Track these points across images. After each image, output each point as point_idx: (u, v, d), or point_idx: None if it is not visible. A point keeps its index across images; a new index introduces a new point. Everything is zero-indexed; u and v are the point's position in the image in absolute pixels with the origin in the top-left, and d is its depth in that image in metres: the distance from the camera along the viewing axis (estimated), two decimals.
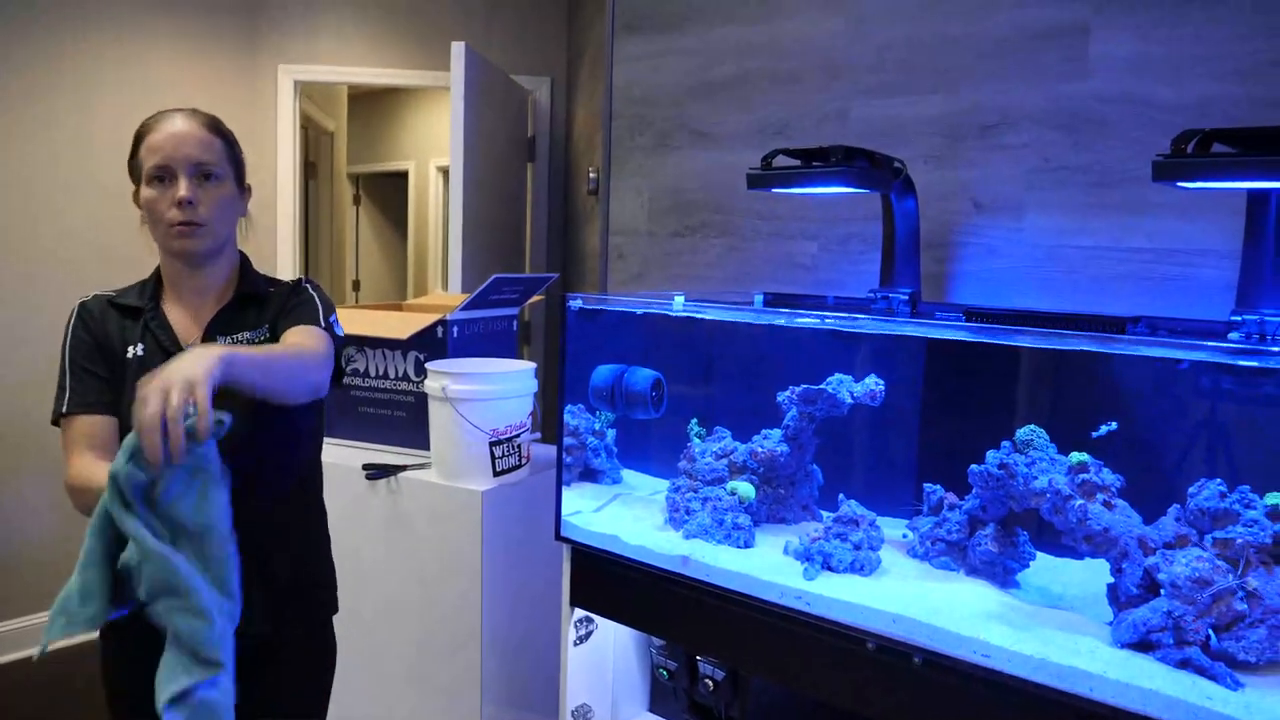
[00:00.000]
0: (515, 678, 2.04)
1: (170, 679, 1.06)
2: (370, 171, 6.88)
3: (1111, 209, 1.75)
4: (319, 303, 1.47)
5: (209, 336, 1.38)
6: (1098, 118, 1.75)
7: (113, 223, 3.22)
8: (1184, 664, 1.08)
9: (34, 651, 1.20)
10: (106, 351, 1.35)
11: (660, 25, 2.35)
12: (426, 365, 2.05)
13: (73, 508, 1.26)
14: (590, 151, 3.38)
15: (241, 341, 1.40)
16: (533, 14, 3.83)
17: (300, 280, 1.51)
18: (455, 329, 2.18)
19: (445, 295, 2.69)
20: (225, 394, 1.08)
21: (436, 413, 2.01)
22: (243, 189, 1.44)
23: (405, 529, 2.04)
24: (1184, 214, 1.68)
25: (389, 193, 7.04)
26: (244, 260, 1.48)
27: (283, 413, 1.39)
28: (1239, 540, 1.12)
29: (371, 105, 6.50)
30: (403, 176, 6.67)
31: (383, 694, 2.10)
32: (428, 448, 2.08)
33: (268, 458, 1.37)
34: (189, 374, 1.02)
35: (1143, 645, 1.12)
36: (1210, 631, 1.10)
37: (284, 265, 3.76)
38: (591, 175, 3.24)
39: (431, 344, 2.15)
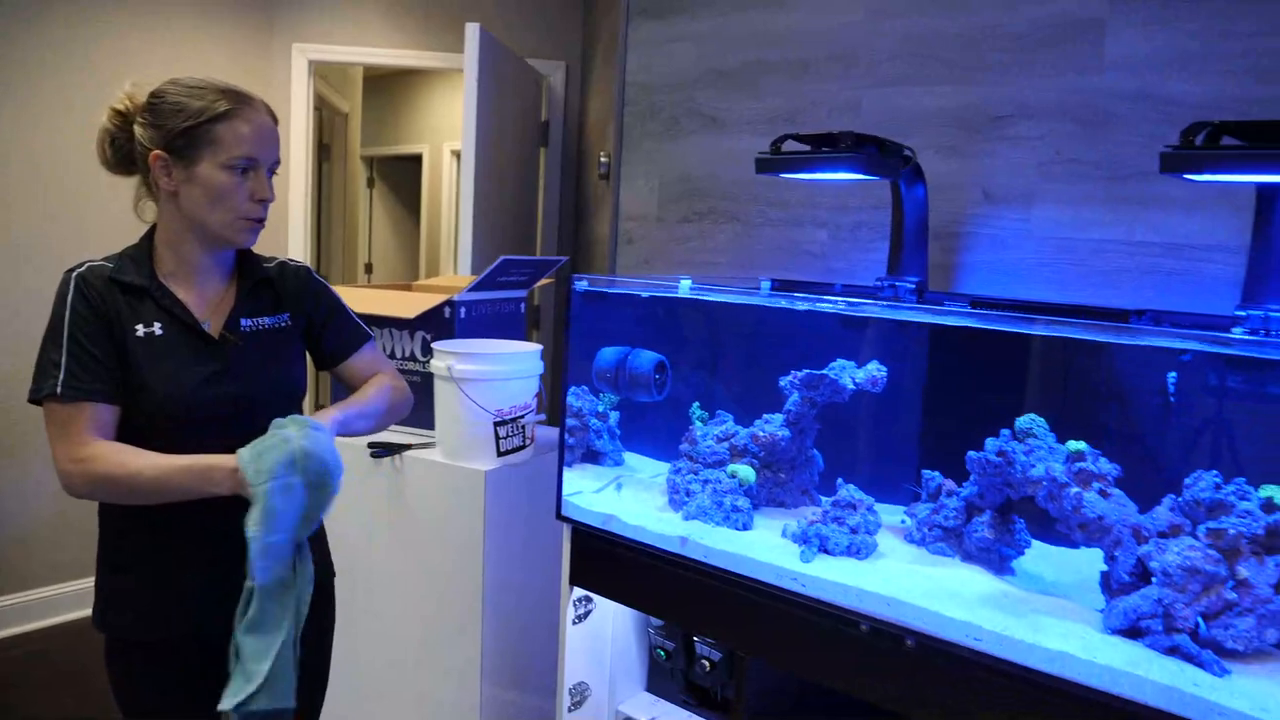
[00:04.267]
0: (515, 656, 2.06)
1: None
2: (384, 154, 6.90)
3: (1121, 203, 1.75)
4: (344, 304, 1.56)
5: (235, 320, 1.39)
6: (1111, 112, 1.75)
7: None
8: (1172, 650, 1.09)
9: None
10: (107, 327, 1.30)
11: (674, 9, 2.35)
12: (433, 345, 2.06)
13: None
14: (603, 137, 3.39)
15: (266, 328, 1.43)
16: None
17: (296, 264, 1.53)
18: (463, 310, 2.19)
19: (454, 277, 2.71)
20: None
21: (442, 392, 2.02)
22: None
23: (409, 508, 2.06)
24: (1193, 209, 1.68)
25: (403, 176, 7.06)
26: None
27: (287, 378, 1.43)
28: (1231, 531, 1.12)
29: (386, 87, 6.51)
30: (416, 160, 6.69)
31: (384, 669, 2.12)
32: (433, 427, 2.10)
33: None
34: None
35: (1133, 632, 1.13)
36: (1200, 619, 1.11)
37: (295, 246, 3.78)
38: (603, 160, 3.25)
39: (439, 324, 2.17)
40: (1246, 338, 1.27)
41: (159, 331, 1.32)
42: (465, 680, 1.99)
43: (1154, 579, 1.13)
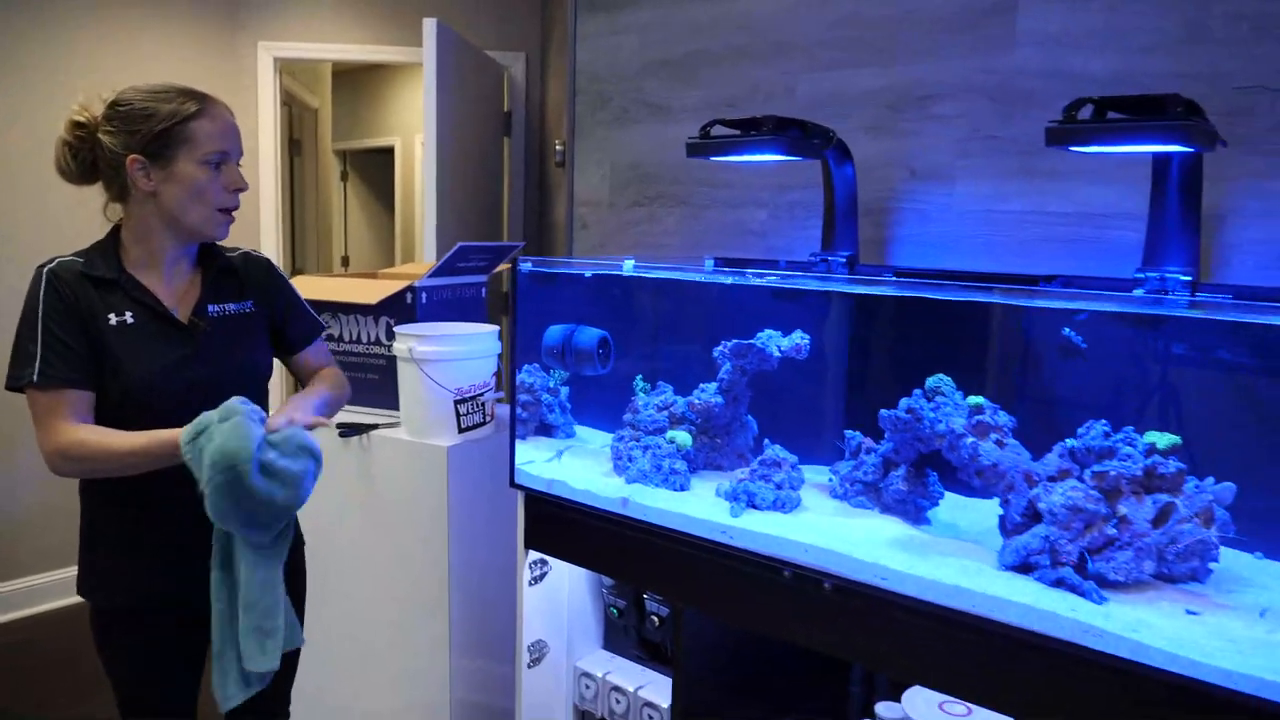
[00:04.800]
0: (481, 623, 2.16)
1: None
2: (357, 147, 6.95)
3: (1037, 176, 1.85)
4: (301, 297, 1.67)
5: (202, 306, 1.49)
6: (1024, 89, 1.85)
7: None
8: (1058, 583, 1.20)
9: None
10: (78, 318, 1.38)
11: (619, 3, 2.44)
12: (396, 329, 2.15)
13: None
14: (559, 126, 3.47)
15: (231, 314, 1.53)
16: None
17: (258, 255, 1.64)
18: (424, 295, 2.28)
19: (417, 265, 2.80)
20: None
21: (404, 373, 2.11)
22: None
23: (376, 485, 2.15)
24: (1103, 180, 1.79)
25: (376, 168, 7.12)
26: None
27: (252, 361, 1.53)
28: (1113, 473, 1.23)
29: (356, 82, 6.56)
30: (389, 152, 6.75)
31: (356, 644, 2.22)
32: (398, 408, 2.19)
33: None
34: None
35: (1024, 567, 1.24)
36: (1084, 554, 1.21)
37: (268, 242, 3.85)
38: (558, 149, 3.34)
39: (400, 309, 2.26)
40: (1146, 296, 1.39)
41: (130, 320, 1.41)
42: (435, 651, 2.09)
43: (1042, 519, 1.24)
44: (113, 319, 1.40)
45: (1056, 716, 1.17)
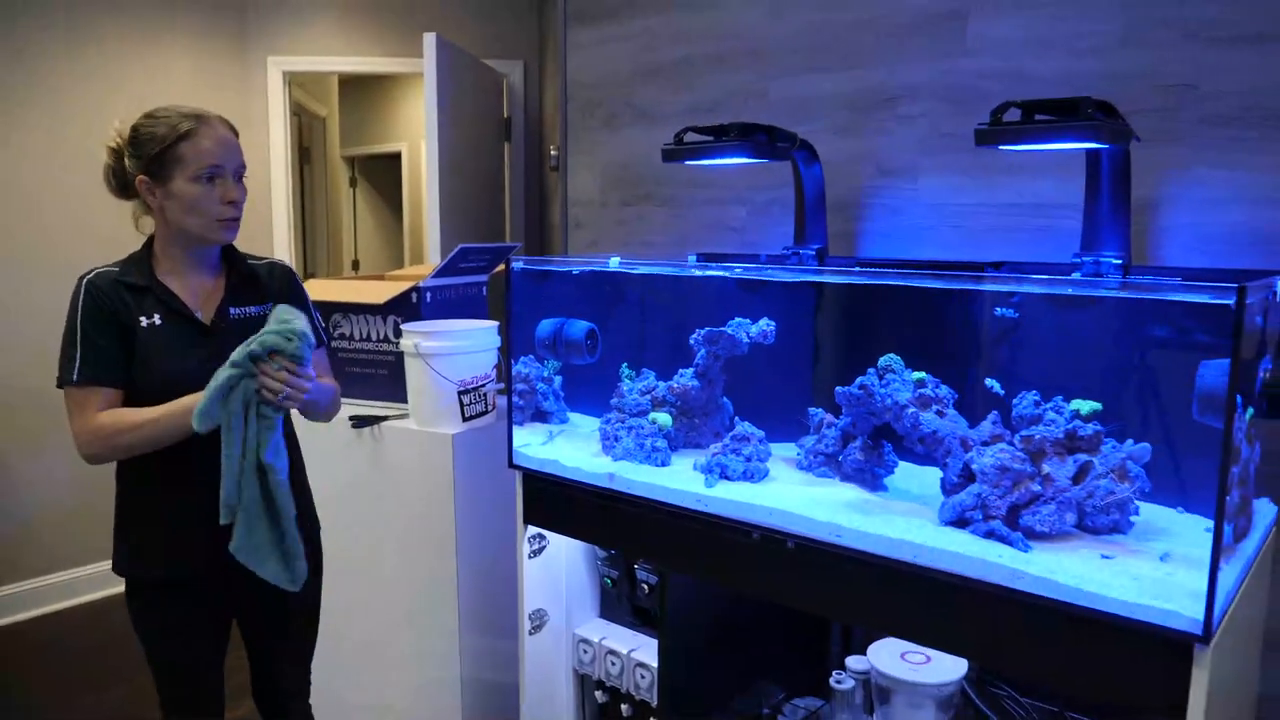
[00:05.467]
0: (487, 596, 2.32)
1: None
2: (365, 154, 7.12)
3: (991, 171, 2.00)
4: (315, 313, 1.81)
5: (224, 309, 1.66)
6: (978, 90, 2.00)
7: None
8: (990, 534, 1.35)
9: None
10: (115, 322, 1.56)
11: (607, 13, 2.60)
12: (402, 327, 2.32)
13: (85, 463, 1.57)
14: (555, 131, 3.63)
15: (252, 316, 1.69)
16: (506, 2, 4.07)
17: (283, 265, 1.81)
18: (428, 295, 2.44)
19: (423, 267, 2.96)
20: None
21: (411, 368, 2.28)
22: None
23: (387, 471, 2.32)
24: (1049, 173, 1.93)
25: (384, 173, 7.28)
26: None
27: None
28: (1037, 436, 1.38)
29: (362, 90, 6.73)
30: (396, 158, 6.92)
31: (369, 615, 2.39)
32: (406, 400, 2.36)
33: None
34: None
35: (960, 522, 1.39)
36: (1012, 508, 1.36)
37: (280, 247, 4.03)
38: (553, 153, 3.50)
39: (407, 308, 2.42)
40: (1080, 280, 1.54)
41: (159, 322, 1.58)
42: (445, 629, 2.25)
43: (976, 479, 1.39)
44: (144, 321, 1.58)
45: (990, 650, 1.33)
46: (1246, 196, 1.70)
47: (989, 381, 1.56)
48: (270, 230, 4.02)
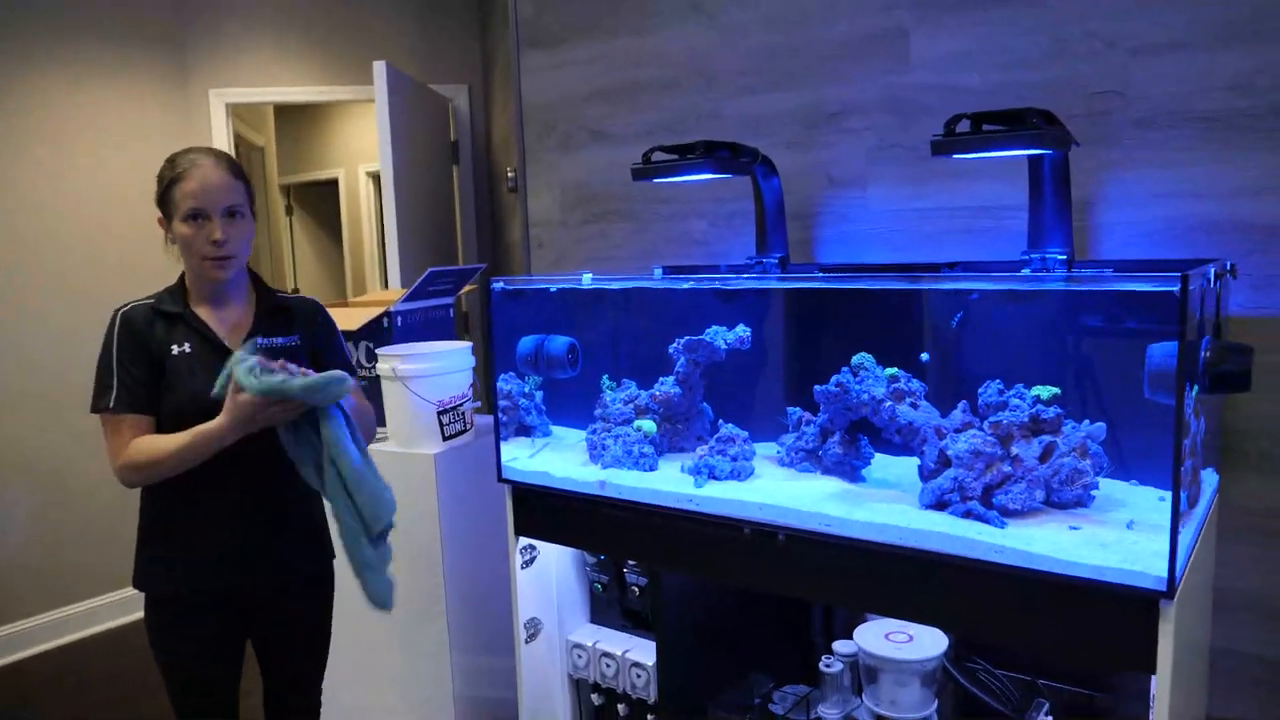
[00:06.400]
0: (474, 608, 2.37)
1: None
2: (301, 181, 7.08)
3: (938, 177, 2.13)
4: (341, 339, 1.89)
5: (251, 338, 1.71)
6: (920, 103, 2.13)
7: (79, 241, 3.48)
8: (968, 514, 1.46)
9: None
10: (149, 351, 1.64)
11: (557, 40, 2.68)
12: (376, 351, 2.36)
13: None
14: (509, 153, 3.70)
15: (278, 345, 1.75)
16: (447, 26, 4.13)
17: (313, 301, 1.88)
18: (399, 319, 2.49)
19: (384, 292, 3.00)
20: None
21: (389, 391, 2.32)
22: (254, 216, 1.74)
23: None
24: (995, 177, 2.07)
25: (320, 200, 7.24)
26: (255, 274, 1.81)
27: None
28: (1005, 421, 1.50)
29: (298, 118, 6.70)
30: (333, 184, 6.89)
31: (358, 639, 2.41)
32: (384, 424, 2.40)
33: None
34: None
35: (939, 505, 1.49)
36: (987, 489, 1.47)
37: None
38: (510, 175, 3.56)
39: (378, 333, 2.46)
40: (1029, 275, 1.66)
41: (189, 349, 1.65)
42: (436, 648, 2.29)
43: (952, 464, 1.50)
44: (175, 349, 1.65)
45: (975, 621, 1.43)
46: (1175, 191, 1.85)
47: (923, 356, 1.69)
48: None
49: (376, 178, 6.58)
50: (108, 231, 3.69)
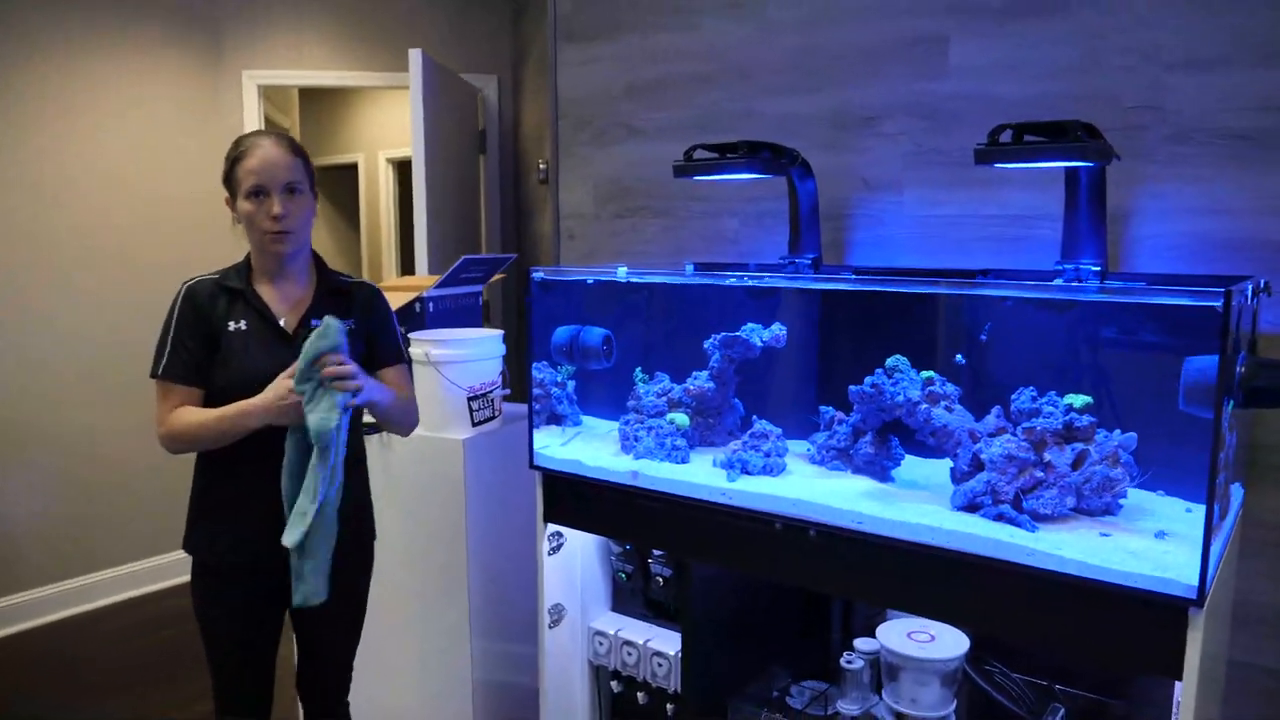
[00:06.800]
0: (496, 594, 2.41)
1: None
2: (321, 165, 7.11)
3: (971, 184, 2.15)
4: (398, 329, 1.93)
5: (307, 319, 1.76)
6: (955, 110, 2.15)
7: (103, 222, 3.52)
8: (999, 518, 1.49)
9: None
10: (207, 325, 1.70)
11: (595, 34, 2.71)
12: (409, 335, 2.39)
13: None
14: (539, 145, 3.72)
15: None
16: (478, 17, 4.15)
17: (371, 285, 1.93)
18: (431, 304, 2.52)
19: (417, 278, 3.03)
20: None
21: (421, 375, 2.35)
22: (315, 195, 1.78)
23: (397, 476, 2.39)
24: (1028, 186, 2.09)
25: (339, 184, 7.28)
26: (318, 257, 1.85)
27: None
28: (1039, 427, 1.52)
29: (321, 101, 6.73)
30: (352, 169, 6.92)
31: (381, 620, 2.45)
32: None
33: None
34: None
35: (971, 507, 1.52)
36: (1018, 493, 1.50)
37: None
38: (542, 167, 3.59)
39: (411, 318, 2.50)
40: (1064, 285, 1.68)
41: (245, 326, 1.70)
42: (457, 632, 2.33)
43: (985, 468, 1.53)
44: (231, 326, 1.70)
45: (1001, 620, 1.46)
46: (1206, 208, 1.88)
47: (958, 358, 1.72)
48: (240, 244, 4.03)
49: (396, 164, 6.62)
50: (144, 209, 3.73)
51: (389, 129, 6.60)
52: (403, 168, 6.64)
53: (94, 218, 3.61)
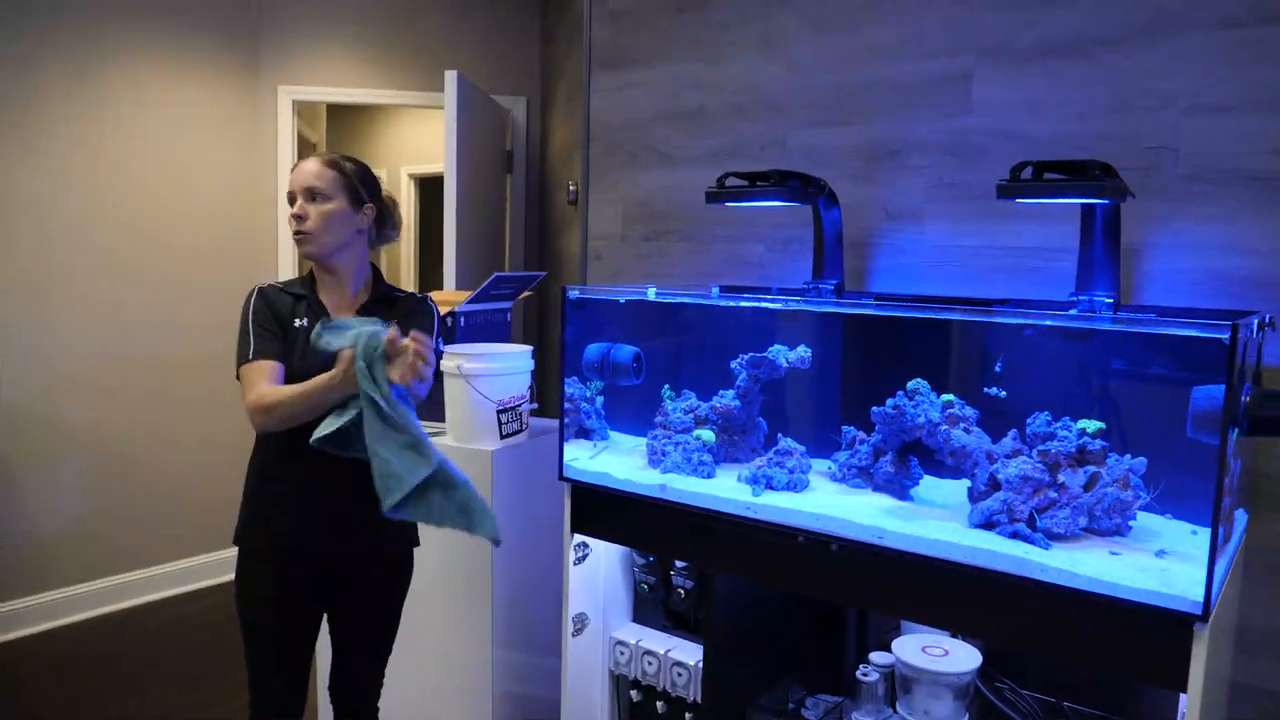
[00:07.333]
0: (519, 604, 2.48)
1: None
2: None
3: (991, 217, 2.23)
4: (439, 340, 2.04)
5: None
6: (979, 146, 2.24)
7: (143, 230, 3.63)
8: (1014, 535, 1.56)
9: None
10: (280, 316, 1.84)
11: (629, 61, 2.80)
12: (441, 349, 2.47)
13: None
14: (568, 166, 3.82)
15: None
16: (509, 40, 4.27)
17: (420, 296, 2.05)
18: (463, 319, 2.61)
19: (449, 292, 3.11)
20: None
21: (451, 387, 2.43)
22: (359, 208, 1.89)
23: None
24: (1045, 220, 2.17)
25: None
26: (376, 271, 1.97)
27: None
28: (1053, 450, 1.60)
29: (348, 116, 6.86)
30: None
31: (411, 619, 2.51)
32: (443, 419, 2.51)
33: None
34: None
35: (988, 525, 1.59)
36: (1033, 512, 1.57)
37: (285, 269, 4.14)
38: (571, 188, 3.69)
39: (443, 332, 2.57)
40: (1079, 315, 1.76)
41: (306, 324, 1.84)
42: (478, 642, 2.39)
43: (1001, 487, 1.60)
44: (296, 323, 1.85)
45: (1015, 633, 1.53)
46: (1218, 245, 1.95)
47: (990, 390, 1.79)
48: (276, 256, 4.14)
49: (419, 180, 6.74)
50: (180, 218, 3.84)
51: (412, 145, 6.72)
52: (424, 183, 6.75)
53: (135, 226, 3.72)
